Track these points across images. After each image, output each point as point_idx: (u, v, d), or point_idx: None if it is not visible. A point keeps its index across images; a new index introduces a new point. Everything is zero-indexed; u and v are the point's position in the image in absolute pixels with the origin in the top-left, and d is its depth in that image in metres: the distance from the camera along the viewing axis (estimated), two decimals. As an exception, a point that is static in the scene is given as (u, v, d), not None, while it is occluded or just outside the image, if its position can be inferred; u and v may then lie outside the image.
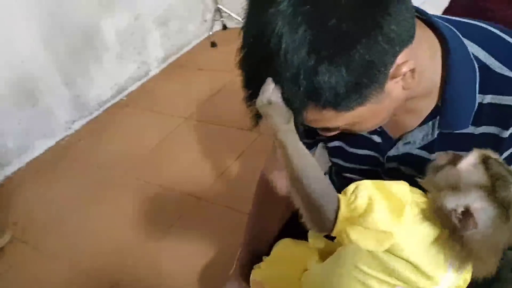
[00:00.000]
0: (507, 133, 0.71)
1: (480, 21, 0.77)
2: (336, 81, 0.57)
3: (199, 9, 3.44)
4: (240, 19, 3.06)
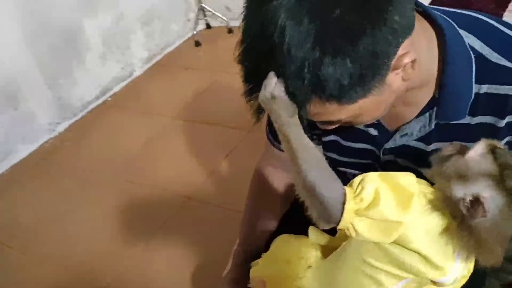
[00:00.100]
0: (503, 122, 0.72)
1: (475, 11, 0.77)
2: (341, 73, 0.57)
3: (182, 9, 3.42)
4: (224, 18, 3.04)
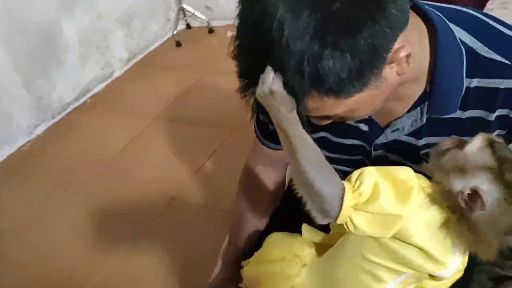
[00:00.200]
0: (493, 115, 0.72)
1: (464, 6, 0.77)
2: (340, 67, 0.56)
3: (162, 8, 3.38)
4: (204, 18, 3.01)
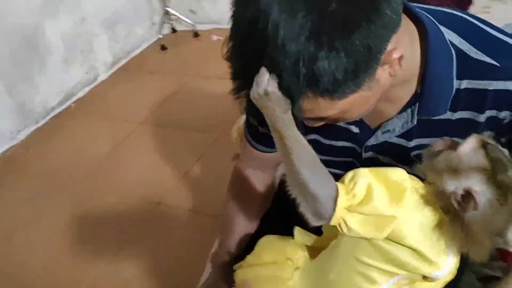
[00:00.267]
0: (482, 117, 0.73)
1: (453, 9, 0.78)
2: (335, 67, 0.56)
3: (147, 12, 3.36)
4: (189, 21, 3.00)
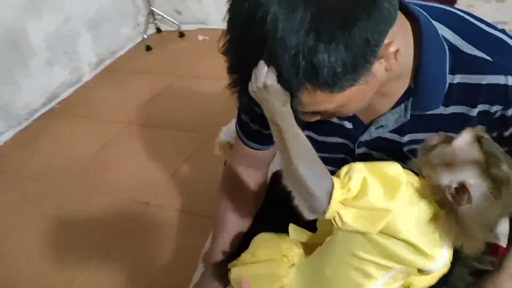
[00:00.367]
0: (475, 111, 0.73)
1: (445, 5, 0.79)
2: (335, 60, 0.56)
3: (131, 12, 3.33)
4: (175, 22, 2.97)
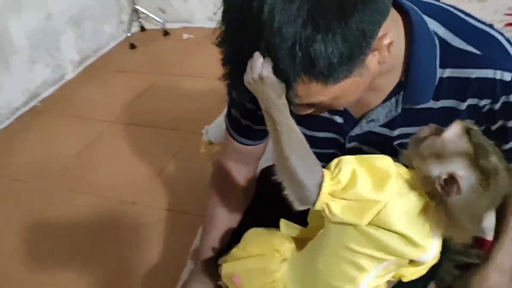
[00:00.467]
0: (464, 105, 0.75)
1: (434, 0, 0.80)
2: (331, 50, 0.56)
3: (114, 10, 3.30)
4: (159, 20, 2.92)
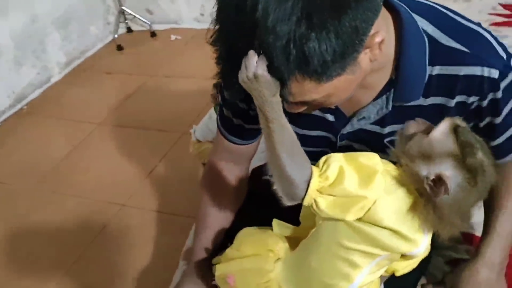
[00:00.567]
0: (453, 102, 0.76)
1: None
2: (325, 48, 0.57)
3: (101, 11, 3.28)
4: (146, 21, 2.89)
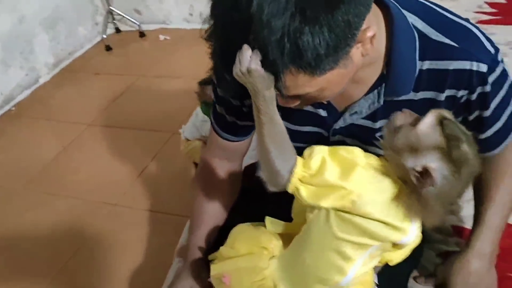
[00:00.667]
0: (442, 96, 0.78)
1: None
2: (318, 42, 0.58)
3: (89, 11, 3.27)
4: (135, 21, 2.88)
